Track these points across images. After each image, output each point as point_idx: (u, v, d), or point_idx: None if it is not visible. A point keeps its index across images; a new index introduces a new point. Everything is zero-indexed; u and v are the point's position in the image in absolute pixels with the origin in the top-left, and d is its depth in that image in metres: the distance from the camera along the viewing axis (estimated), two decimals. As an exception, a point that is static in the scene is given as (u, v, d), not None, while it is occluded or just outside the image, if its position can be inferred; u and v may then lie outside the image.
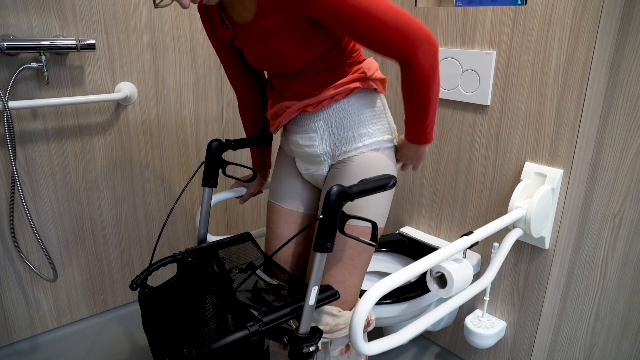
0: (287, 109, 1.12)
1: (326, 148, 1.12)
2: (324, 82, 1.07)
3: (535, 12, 1.26)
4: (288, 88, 1.11)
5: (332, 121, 1.10)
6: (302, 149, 1.15)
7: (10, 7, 1.34)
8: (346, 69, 1.07)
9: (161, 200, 1.80)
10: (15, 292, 1.53)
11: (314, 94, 1.08)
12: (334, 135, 1.11)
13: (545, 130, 1.31)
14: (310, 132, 1.11)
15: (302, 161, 1.19)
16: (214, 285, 1.04)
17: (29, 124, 1.45)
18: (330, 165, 1.15)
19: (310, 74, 1.06)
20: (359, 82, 1.07)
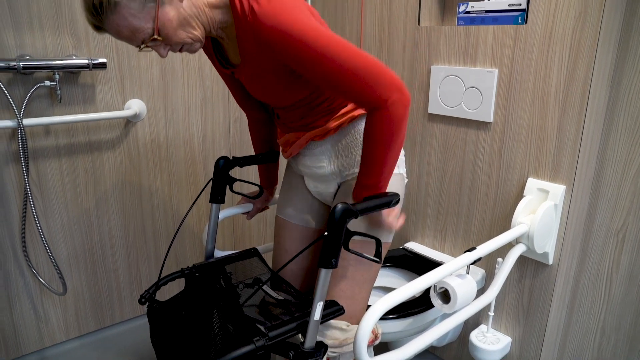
0: (297, 139, 1.15)
1: (334, 169, 1.15)
2: (326, 112, 1.10)
3: (535, 31, 1.29)
4: (292, 119, 1.14)
5: (339, 144, 1.13)
6: (311, 170, 1.18)
7: (27, 27, 1.38)
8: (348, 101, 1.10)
9: (169, 216, 1.83)
10: (25, 305, 1.55)
11: (318, 124, 1.10)
12: (342, 157, 1.14)
13: (547, 146, 1.33)
14: (319, 154, 1.14)
15: (310, 179, 1.22)
16: (221, 300, 1.06)
17: (42, 140, 1.48)
18: (339, 183, 1.17)
19: (309, 106, 1.09)
20: (361, 109, 1.10)
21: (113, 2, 0.86)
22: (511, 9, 1.34)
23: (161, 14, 0.90)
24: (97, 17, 0.88)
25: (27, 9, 1.37)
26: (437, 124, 1.58)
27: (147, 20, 0.89)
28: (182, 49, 0.98)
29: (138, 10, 0.88)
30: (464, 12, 1.44)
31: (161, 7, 0.89)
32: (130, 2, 0.87)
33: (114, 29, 0.90)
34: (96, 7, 0.86)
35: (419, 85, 1.60)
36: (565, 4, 1.22)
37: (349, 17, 1.79)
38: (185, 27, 0.94)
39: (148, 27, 0.90)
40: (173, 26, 0.92)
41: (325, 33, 0.91)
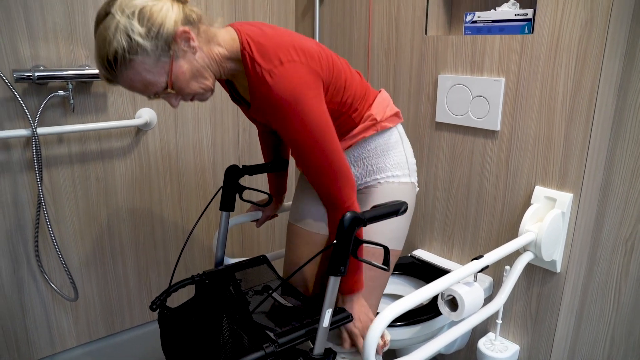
0: None
1: None
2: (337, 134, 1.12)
3: (542, 41, 1.30)
4: None
5: (351, 157, 1.17)
6: None
7: (42, 39, 1.41)
8: (356, 121, 1.13)
9: (178, 224, 1.85)
10: (37, 310, 1.58)
11: None
12: (354, 168, 1.17)
13: (554, 154, 1.33)
14: None
15: None
16: (231, 307, 1.07)
17: (55, 148, 1.51)
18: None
19: None
20: (372, 130, 1.12)
21: (128, 58, 0.86)
22: (518, 18, 1.35)
23: (175, 68, 0.90)
24: (110, 72, 0.88)
25: (42, 21, 1.40)
26: (445, 132, 1.59)
27: (161, 74, 0.90)
28: (194, 99, 0.99)
29: (152, 65, 0.88)
30: (470, 22, 1.45)
31: (175, 62, 0.90)
32: (145, 57, 0.87)
33: (127, 83, 0.90)
34: (110, 62, 0.87)
35: (426, 94, 1.62)
36: (572, 14, 1.23)
37: (357, 27, 1.81)
38: (198, 78, 0.95)
39: (162, 81, 0.90)
40: (186, 78, 0.93)
41: (324, 126, 0.96)
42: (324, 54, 1.02)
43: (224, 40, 0.97)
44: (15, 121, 1.42)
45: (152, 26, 0.86)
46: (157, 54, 0.88)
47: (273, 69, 0.91)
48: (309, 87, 0.94)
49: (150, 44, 0.86)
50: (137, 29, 0.85)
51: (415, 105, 1.66)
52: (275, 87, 0.91)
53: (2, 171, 1.43)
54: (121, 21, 0.84)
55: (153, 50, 0.87)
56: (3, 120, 1.40)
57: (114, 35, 0.85)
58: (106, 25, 0.86)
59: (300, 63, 0.94)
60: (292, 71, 0.92)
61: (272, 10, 1.94)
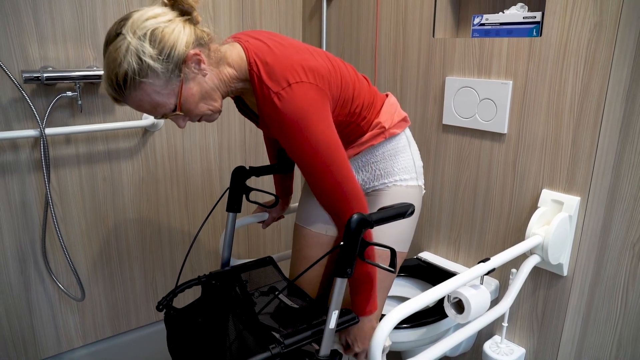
0: None
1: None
2: (345, 142, 1.14)
3: (550, 44, 1.30)
4: None
5: (359, 162, 1.17)
6: None
7: (50, 40, 1.42)
8: (364, 129, 1.13)
9: (184, 224, 1.85)
10: (44, 310, 1.58)
11: None
12: (362, 172, 1.17)
13: (562, 158, 1.33)
14: None
15: None
16: (237, 308, 1.07)
17: (63, 149, 1.52)
18: None
19: None
20: (380, 137, 1.13)
21: (138, 80, 0.85)
22: (526, 21, 1.35)
23: (184, 90, 0.89)
24: (119, 92, 0.87)
25: (51, 22, 1.41)
26: (452, 134, 1.59)
27: (170, 96, 0.89)
28: (201, 119, 0.98)
29: (162, 87, 0.87)
30: (478, 25, 1.45)
31: (185, 84, 0.89)
32: (155, 79, 0.85)
33: (135, 104, 0.89)
34: (120, 83, 0.85)
35: (433, 97, 1.62)
36: (580, 17, 1.23)
37: (364, 29, 1.81)
38: (207, 100, 0.94)
39: (171, 102, 0.89)
40: (195, 100, 0.92)
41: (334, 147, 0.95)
42: (332, 69, 1.02)
43: (233, 60, 0.96)
44: (23, 122, 1.43)
45: (163, 48, 0.85)
46: (168, 76, 0.86)
47: (281, 91, 0.91)
48: (317, 109, 0.93)
49: (161, 66, 0.85)
50: (148, 51, 0.83)
51: (422, 108, 1.66)
52: (284, 110, 0.90)
53: (10, 171, 1.44)
54: (132, 42, 0.83)
55: (164, 72, 0.86)
56: (12, 121, 1.41)
57: (125, 57, 0.83)
58: (117, 45, 0.84)
59: (309, 84, 0.93)
60: (299, 93, 0.91)
61: (279, 12, 1.94)
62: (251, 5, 1.85)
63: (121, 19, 0.86)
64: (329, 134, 0.95)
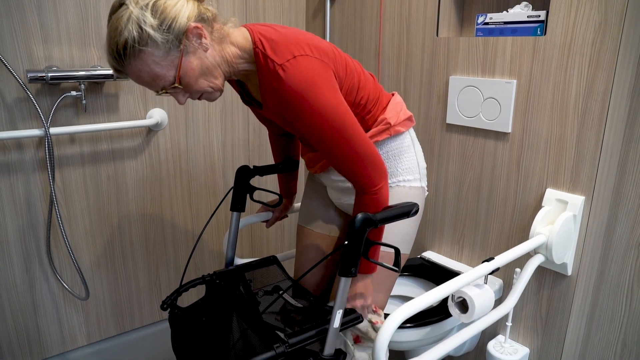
0: (319, 159, 1.18)
1: None
2: None
3: (554, 43, 1.29)
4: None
5: None
6: (335, 183, 1.20)
7: (55, 40, 1.43)
8: (369, 123, 1.12)
9: (188, 223, 1.86)
10: (49, 309, 1.59)
11: None
12: None
13: (566, 157, 1.33)
14: None
15: (333, 190, 1.24)
16: (241, 307, 1.08)
17: (67, 148, 1.52)
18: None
19: None
20: (385, 134, 1.12)
21: (137, 49, 0.86)
22: (530, 20, 1.34)
23: (184, 63, 0.90)
24: (119, 62, 0.88)
25: (56, 22, 1.42)
26: (455, 134, 1.58)
27: (170, 68, 0.89)
28: (202, 97, 0.98)
29: (161, 58, 0.88)
30: (482, 24, 1.45)
31: (185, 57, 0.89)
32: (154, 49, 0.86)
33: (135, 74, 0.90)
34: (119, 52, 0.86)
35: (437, 96, 1.61)
36: (585, 16, 1.22)
37: (368, 28, 1.81)
38: (207, 76, 0.94)
39: (170, 74, 0.90)
40: (195, 75, 0.92)
41: (343, 113, 0.94)
42: (337, 54, 1.02)
43: (236, 39, 0.97)
44: (28, 121, 1.43)
45: (164, 19, 0.86)
46: (167, 47, 0.87)
47: (285, 63, 0.91)
48: (323, 79, 0.93)
49: (161, 36, 0.86)
50: (149, 21, 0.85)
51: (426, 107, 1.66)
52: (288, 80, 0.90)
53: (15, 170, 1.44)
54: (134, 12, 0.84)
55: (163, 43, 0.86)
56: (17, 121, 1.41)
57: (126, 25, 0.84)
58: (119, 15, 0.86)
59: (313, 57, 0.93)
60: (304, 64, 0.91)
61: (282, 11, 1.95)
62: (254, 4, 1.85)
63: None
64: (337, 101, 0.94)
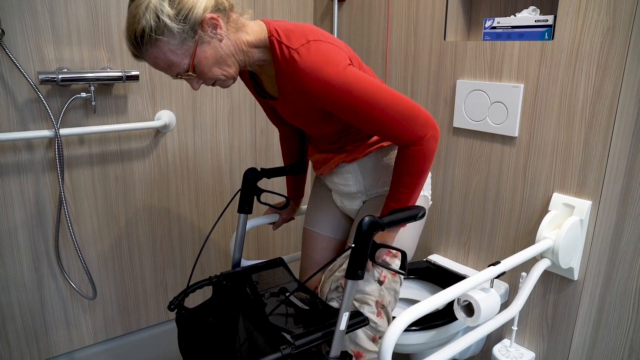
0: (326, 161, 1.19)
1: (360, 187, 1.18)
2: (356, 140, 1.14)
3: (562, 47, 1.29)
4: (324, 143, 1.18)
5: (366, 166, 1.16)
6: (338, 187, 1.21)
7: (66, 42, 1.44)
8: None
9: (195, 225, 1.87)
10: (56, 308, 1.60)
11: (348, 149, 1.15)
12: (368, 177, 1.17)
13: (573, 161, 1.32)
14: (346, 173, 1.18)
15: (337, 195, 1.25)
16: (248, 309, 1.08)
17: (76, 149, 1.54)
18: (364, 200, 1.20)
19: (340, 134, 1.13)
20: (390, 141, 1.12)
21: (154, 37, 0.88)
22: (538, 24, 1.34)
23: (199, 52, 0.92)
24: (137, 48, 0.91)
25: (67, 25, 1.43)
26: (462, 137, 1.59)
27: (185, 56, 0.92)
28: (215, 84, 1.01)
29: (177, 46, 0.90)
30: (490, 28, 1.45)
31: (199, 46, 0.92)
32: (170, 38, 0.89)
33: (151, 60, 0.93)
34: (137, 39, 0.90)
35: (444, 99, 1.62)
36: (593, 21, 1.22)
37: (375, 32, 1.81)
38: (221, 64, 0.96)
39: (184, 62, 0.93)
40: (209, 64, 0.95)
41: (365, 79, 0.94)
42: (351, 53, 1.04)
43: (252, 29, 0.99)
44: (38, 122, 1.45)
45: (181, 9, 0.88)
46: (183, 37, 0.90)
47: (299, 48, 0.93)
48: (337, 56, 0.94)
49: (178, 26, 0.88)
50: (166, 10, 0.87)
51: (433, 110, 1.66)
52: (304, 62, 0.92)
53: (25, 171, 1.46)
54: (152, 1, 0.87)
55: (179, 32, 0.89)
56: (27, 121, 1.43)
57: (144, 14, 0.87)
58: (138, 3, 0.88)
59: (328, 43, 0.95)
60: (318, 47, 0.93)
61: (290, 13, 1.96)
62: (262, 7, 1.86)
63: None
64: (355, 71, 0.94)
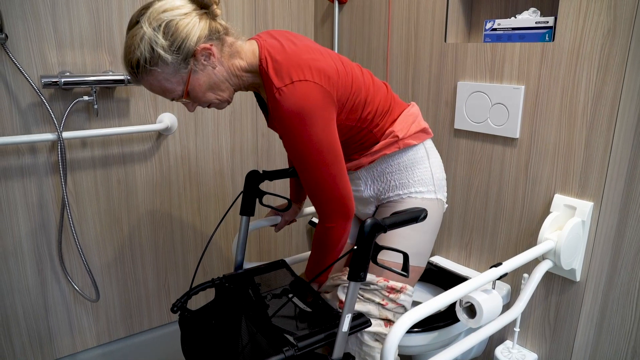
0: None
1: (371, 192, 1.19)
2: (359, 149, 1.15)
3: (563, 48, 1.30)
4: None
5: (374, 172, 1.17)
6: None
7: (68, 46, 1.45)
8: (377, 136, 1.13)
9: (197, 227, 1.87)
10: (60, 310, 1.61)
11: (353, 157, 1.16)
12: (378, 182, 1.18)
13: (575, 163, 1.33)
14: (355, 179, 1.19)
15: None
16: (250, 310, 1.08)
17: (78, 152, 1.55)
18: (377, 205, 1.21)
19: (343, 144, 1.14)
20: (394, 147, 1.13)
21: (148, 68, 0.92)
22: (538, 26, 1.35)
23: (192, 80, 0.96)
24: (132, 75, 0.96)
25: (69, 28, 1.44)
26: (463, 139, 1.59)
27: (179, 83, 0.95)
28: (210, 106, 1.04)
29: (171, 75, 0.94)
30: (490, 29, 1.46)
31: (193, 74, 0.95)
32: (164, 68, 0.92)
33: (147, 86, 0.97)
34: (133, 67, 0.94)
35: (445, 101, 1.62)
36: (594, 22, 1.23)
37: (376, 34, 1.82)
38: (215, 90, 1.00)
39: (179, 89, 0.96)
40: (202, 90, 0.98)
41: (326, 148, 0.98)
42: (344, 72, 1.03)
43: (246, 55, 1.01)
44: (41, 126, 1.45)
45: (175, 40, 0.91)
46: (177, 66, 0.93)
47: (283, 88, 0.94)
48: (317, 107, 0.96)
49: (172, 57, 0.91)
50: (160, 42, 0.90)
51: (434, 112, 1.67)
52: (283, 105, 0.94)
53: (29, 174, 1.47)
54: (147, 32, 0.90)
55: (173, 63, 0.92)
56: (30, 125, 1.43)
57: (139, 45, 0.90)
58: (134, 33, 0.91)
59: (313, 83, 0.96)
60: (300, 90, 0.94)
61: (291, 16, 1.96)
62: (264, 9, 1.86)
63: (143, 7, 0.93)
64: (327, 134, 0.97)
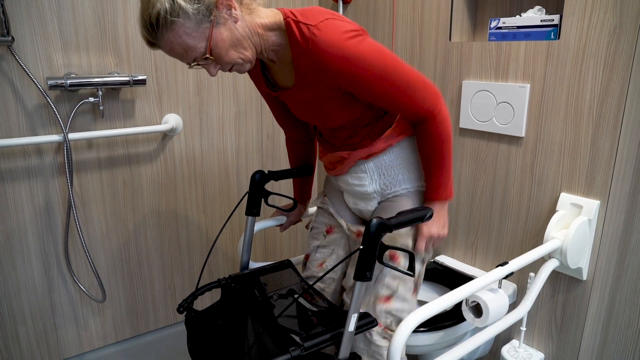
0: (344, 159, 1.17)
1: (376, 187, 1.16)
2: (371, 133, 1.13)
3: (568, 47, 1.29)
4: (338, 138, 1.17)
5: (382, 164, 1.15)
6: (352, 188, 1.20)
7: (74, 48, 1.46)
8: (391, 120, 1.12)
9: (202, 228, 1.88)
10: (66, 311, 1.62)
11: (364, 144, 1.13)
12: (384, 176, 1.15)
13: (581, 161, 1.32)
14: (360, 172, 1.16)
15: (350, 196, 1.23)
16: (256, 310, 1.09)
17: (84, 153, 1.55)
18: (380, 201, 1.19)
19: (354, 128, 1.12)
20: (407, 133, 1.12)
21: (169, 20, 0.88)
22: (543, 24, 1.34)
23: (215, 34, 0.92)
24: (152, 34, 0.91)
25: (74, 31, 1.45)
26: (469, 138, 1.58)
27: (201, 39, 0.91)
28: (232, 69, 1.00)
29: (193, 29, 0.90)
30: (495, 28, 1.45)
31: (215, 28, 0.92)
32: (185, 20, 0.89)
33: (167, 46, 0.92)
34: (152, 24, 0.89)
35: (450, 100, 1.62)
36: (600, 20, 1.22)
37: (380, 32, 1.82)
38: (238, 47, 0.96)
39: (201, 46, 0.92)
40: (225, 46, 0.94)
41: (384, 53, 0.96)
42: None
43: (266, 14, 0.99)
44: (47, 127, 1.46)
45: None
46: (199, 18, 0.89)
47: (319, 24, 0.93)
48: (356, 32, 0.94)
49: (192, 7, 0.88)
50: None
51: (438, 111, 1.66)
52: (325, 37, 0.92)
53: (35, 175, 1.47)
54: None
55: (195, 14, 0.89)
56: (37, 127, 1.44)
57: None
58: None
59: (345, 21, 0.96)
60: (337, 23, 0.94)
61: (295, 17, 1.96)
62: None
63: None
64: (374, 43, 0.96)
